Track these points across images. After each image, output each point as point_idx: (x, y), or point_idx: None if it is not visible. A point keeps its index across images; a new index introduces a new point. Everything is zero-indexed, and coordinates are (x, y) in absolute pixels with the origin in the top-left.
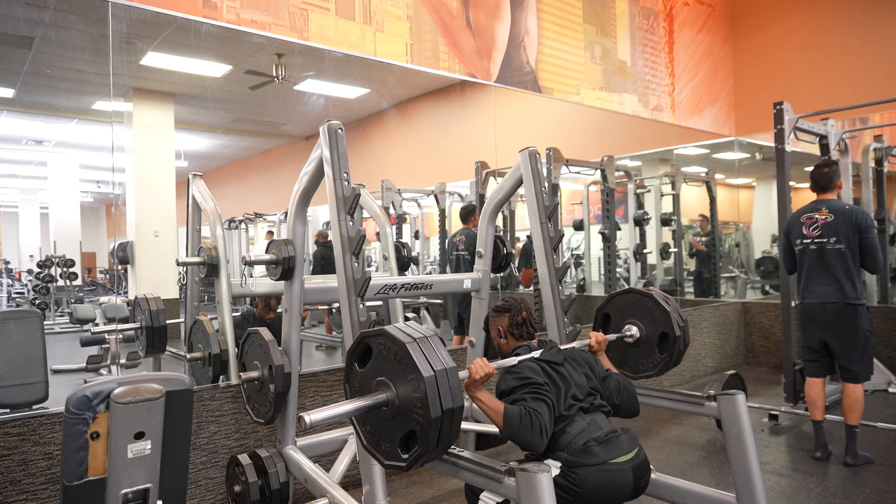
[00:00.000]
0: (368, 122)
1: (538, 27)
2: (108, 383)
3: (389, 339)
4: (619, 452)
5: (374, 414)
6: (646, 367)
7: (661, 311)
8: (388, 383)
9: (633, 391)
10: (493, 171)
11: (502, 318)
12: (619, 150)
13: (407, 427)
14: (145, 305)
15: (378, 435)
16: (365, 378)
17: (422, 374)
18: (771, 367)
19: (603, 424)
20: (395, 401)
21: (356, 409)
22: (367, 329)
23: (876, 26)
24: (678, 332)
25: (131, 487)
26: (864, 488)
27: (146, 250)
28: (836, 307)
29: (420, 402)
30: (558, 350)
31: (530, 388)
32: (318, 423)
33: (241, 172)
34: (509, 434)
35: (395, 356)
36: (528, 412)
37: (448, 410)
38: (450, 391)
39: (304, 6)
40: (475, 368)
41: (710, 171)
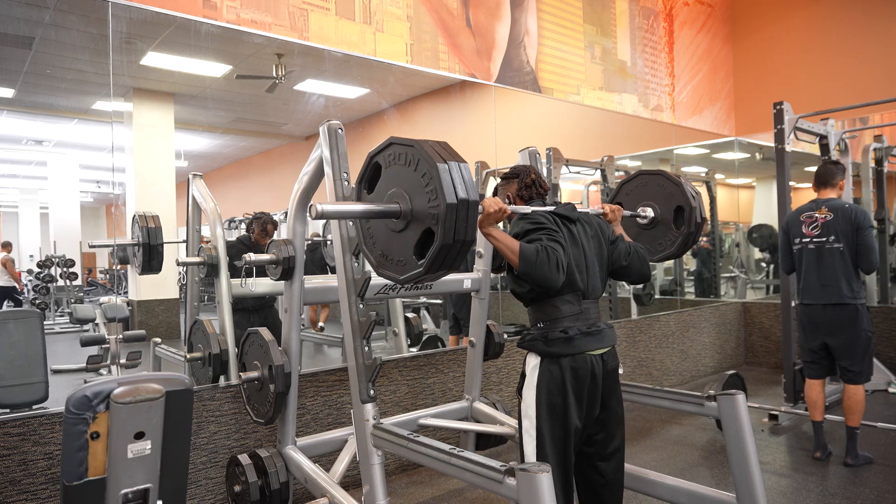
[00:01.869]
0: (368, 122)
1: (538, 27)
2: (108, 383)
3: (400, 144)
4: (599, 345)
5: (385, 233)
6: (664, 245)
7: (673, 184)
8: (400, 193)
9: (645, 256)
10: (493, 171)
11: (511, 184)
12: (619, 150)
13: (421, 228)
14: (143, 222)
15: (389, 253)
16: (374, 200)
17: (435, 164)
18: (771, 367)
19: (592, 315)
20: (409, 207)
21: (367, 210)
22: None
23: (876, 26)
24: (693, 202)
25: (131, 487)
26: (864, 488)
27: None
28: (835, 308)
29: (434, 193)
30: (573, 207)
31: (545, 231)
32: (328, 213)
33: (241, 172)
34: (525, 269)
35: (405, 160)
36: (544, 248)
37: (463, 200)
38: (463, 182)
39: (304, 6)
40: (489, 203)
41: (710, 171)
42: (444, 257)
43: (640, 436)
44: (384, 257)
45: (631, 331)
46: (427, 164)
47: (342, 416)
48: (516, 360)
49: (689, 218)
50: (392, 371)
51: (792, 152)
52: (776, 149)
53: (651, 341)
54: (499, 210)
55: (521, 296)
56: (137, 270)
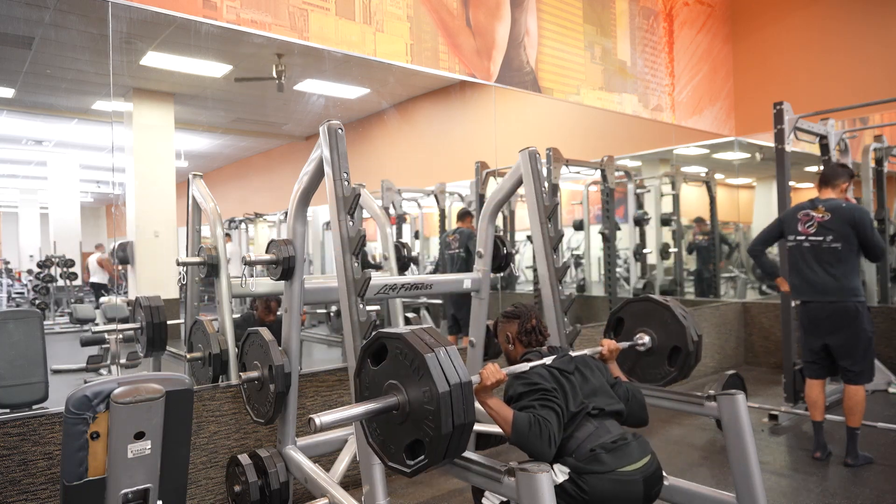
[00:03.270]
0: (368, 122)
1: (538, 27)
2: (108, 383)
3: (407, 346)
4: (628, 460)
5: (384, 416)
6: (653, 377)
7: (677, 324)
8: (401, 388)
9: (643, 400)
10: (493, 171)
11: (511, 324)
12: (619, 150)
13: (415, 435)
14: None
15: (384, 435)
16: (377, 377)
17: (437, 389)
18: (771, 367)
19: (613, 429)
20: (406, 407)
21: (367, 412)
22: (383, 330)
23: (876, 26)
24: (691, 347)
25: (131, 487)
26: (864, 488)
27: (146, 250)
28: (835, 306)
29: (432, 415)
30: (570, 358)
31: (539, 394)
32: (328, 425)
33: (241, 172)
34: (517, 442)
35: (410, 363)
36: (536, 420)
37: (459, 426)
38: (463, 406)
39: (304, 6)
40: (486, 374)
41: (710, 171)
42: (447, 446)
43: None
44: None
45: None
46: (429, 384)
47: None
48: None
49: (684, 362)
50: None
51: (792, 152)
52: (776, 149)
53: None
54: (496, 381)
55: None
56: (142, 353)
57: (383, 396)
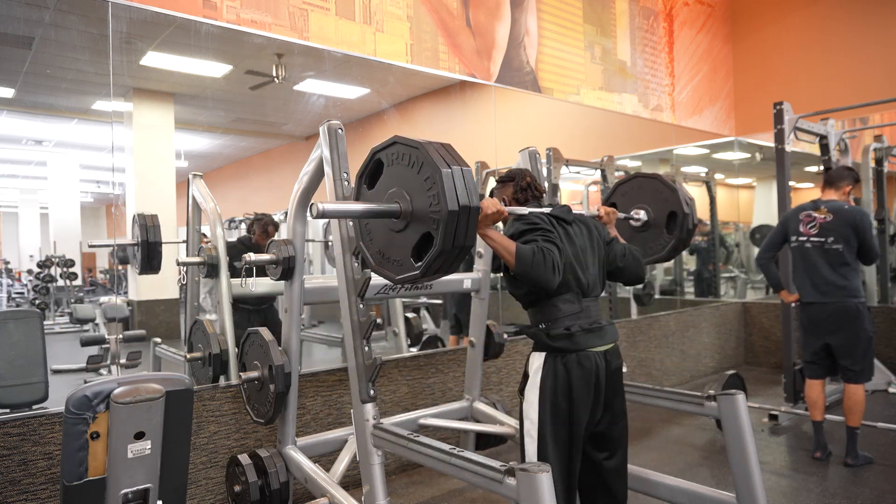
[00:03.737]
0: (368, 122)
1: (538, 27)
2: (108, 383)
3: (403, 144)
4: (599, 342)
5: (384, 231)
6: (655, 248)
7: (669, 189)
8: (401, 193)
9: (640, 258)
10: (493, 171)
11: (506, 187)
12: (619, 150)
13: (420, 231)
14: (142, 221)
15: (387, 252)
16: (374, 198)
17: (438, 169)
18: (771, 367)
19: (593, 313)
20: (409, 208)
21: (367, 210)
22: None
23: (876, 26)
24: (686, 209)
25: (131, 487)
26: (864, 488)
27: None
28: (836, 306)
29: (436, 198)
30: (569, 209)
31: (541, 231)
32: (329, 212)
33: (241, 172)
34: (521, 270)
35: (409, 160)
36: (540, 249)
37: (465, 206)
38: (465, 189)
39: (304, 6)
40: (486, 204)
41: (710, 171)
42: (443, 262)
43: (641, 436)
44: (381, 256)
45: (631, 331)
46: (431, 167)
47: (342, 416)
48: (516, 360)
49: (682, 224)
50: (392, 371)
51: (792, 152)
52: (776, 149)
53: (651, 341)
54: (496, 212)
55: (520, 297)
56: (137, 270)
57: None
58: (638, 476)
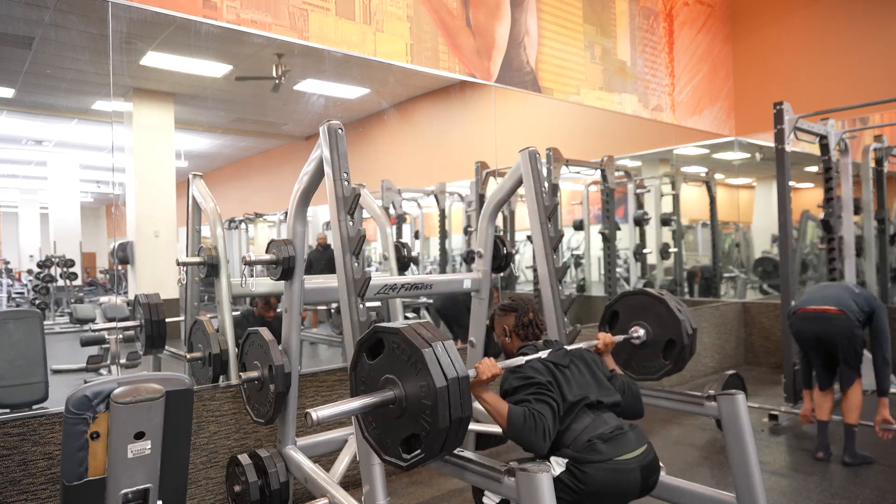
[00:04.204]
0: (368, 122)
1: (538, 27)
2: (108, 383)
3: (404, 341)
4: (625, 449)
5: (380, 411)
6: (648, 370)
7: (672, 317)
8: (397, 382)
9: (638, 392)
10: (493, 171)
11: (508, 317)
12: (619, 150)
13: (412, 429)
14: (145, 301)
15: (381, 429)
16: (373, 372)
17: (434, 384)
18: (771, 367)
19: (610, 421)
20: (403, 401)
21: (363, 406)
22: (380, 325)
23: (876, 26)
24: (686, 340)
25: (131, 487)
26: (864, 488)
27: (146, 250)
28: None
29: (429, 409)
30: (565, 352)
31: (534, 388)
32: (325, 419)
33: (241, 172)
34: (512, 435)
35: (408, 358)
36: (531, 414)
37: (456, 420)
38: (460, 400)
39: (304, 6)
40: (482, 369)
41: (710, 171)
42: (444, 440)
43: None
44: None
45: None
46: (426, 379)
47: None
48: None
49: (679, 355)
50: None
51: (792, 152)
52: (776, 149)
53: None
54: (492, 376)
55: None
56: (141, 350)
57: (380, 391)
58: None
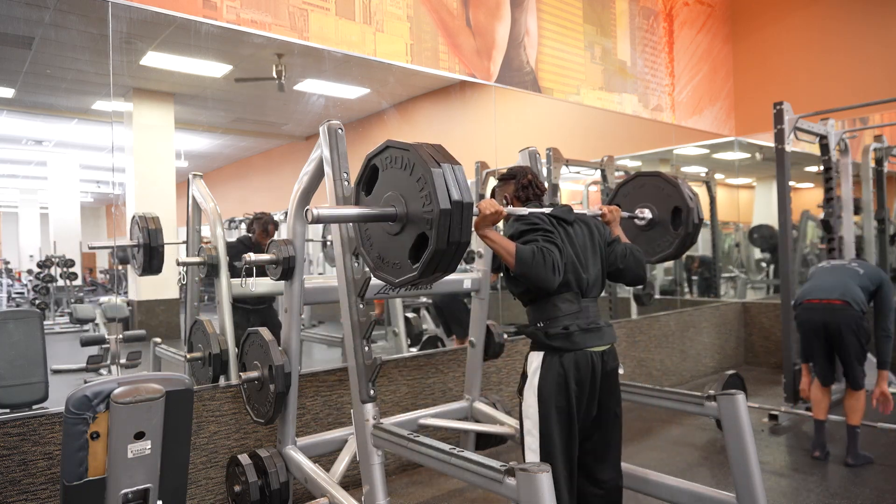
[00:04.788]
0: (368, 122)
1: (538, 27)
2: (108, 383)
3: (396, 148)
4: (596, 342)
5: (381, 236)
6: (662, 245)
7: (671, 185)
8: (397, 196)
9: (641, 258)
10: (493, 171)
11: (508, 185)
12: (619, 150)
13: (416, 232)
14: (143, 223)
15: (385, 256)
16: (372, 203)
17: (429, 168)
18: (771, 367)
19: (591, 313)
20: (404, 211)
21: (363, 214)
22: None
23: (876, 26)
24: (690, 203)
25: (131, 487)
26: (864, 488)
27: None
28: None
29: (428, 198)
30: (570, 209)
31: (541, 232)
32: (324, 217)
33: (241, 172)
34: (521, 270)
35: (402, 163)
36: (540, 250)
37: (457, 202)
38: (457, 185)
39: (304, 6)
40: (485, 205)
41: (710, 171)
42: (439, 261)
43: (640, 436)
44: (381, 259)
45: (631, 331)
46: (422, 168)
47: (342, 416)
48: (516, 360)
49: (687, 219)
50: (392, 371)
51: (792, 152)
52: (776, 149)
53: (651, 341)
54: (495, 212)
55: (519, 295)
56: (138, 272)
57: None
58: (638, 476)
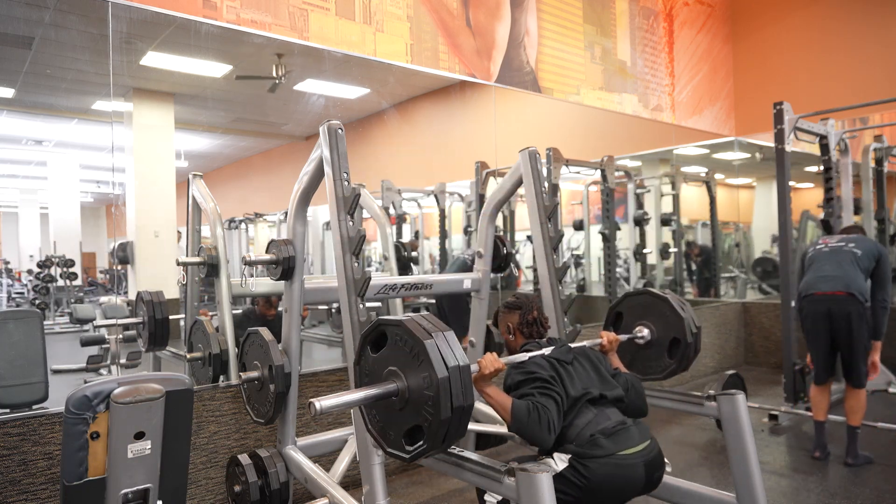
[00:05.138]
0: (368, 122)
1: (538, 27)
2: (108, 383)
3: (406, 333)
4: (628, 444)
5: (383, 403)
6: (653, 369)
7: (676, 316)
8: (400, 374)
9: (642, 390)
10: (493, 171)
11: (513, 314)
12: (619, 150)
13: (414, 421)
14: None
15: (383, 422)
16: (376, 364)
17: (436, 374)
18: (771, 367)
19: (613, 416)
20: (406, 393)
21: (366, 397)
22: (383, 318)
23: (876, 26)
24: (690, 339)
25: (131, 487)
26: (864, 488)
27: (146, 250)
28: (843, 299)
29: (431, 400)
30: (568, 348)
31: (538, 383)
32: (328, 410)
33: (241, 172)
34: (517, 429)
35: (410, 349)
36: (535, 407)
37: (458, 409)
38: (461, 390)
39: (304, 6)
40: (485, 363)
41: (710, 171)
42: (446, 432)
43: None
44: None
45: None
46: (428, 370)
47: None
48: None
49: (683, 353)
50: None
51: (792, 152)
52: (776, 149)
53: None
54: (495, 370)
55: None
56: (143, 347)
57: (383, 383)
58: None
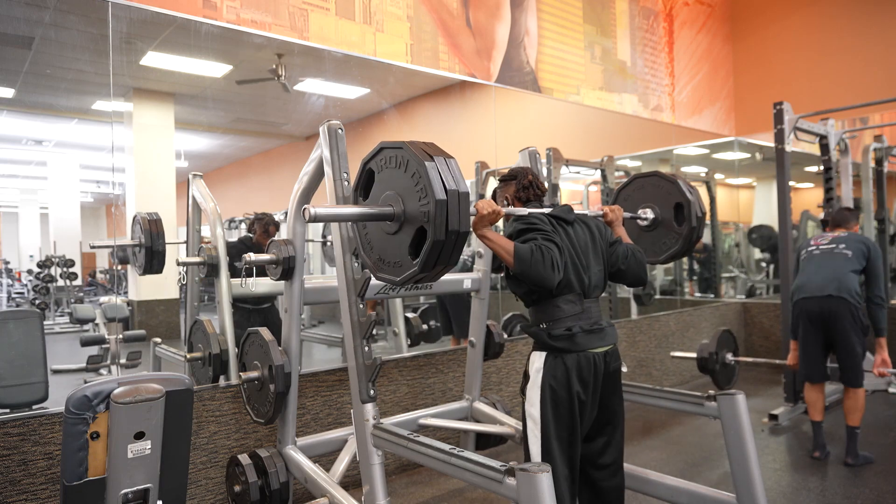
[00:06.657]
0: (368, 122)
1: (538, 27)
2: (108, 383)
3: (390, 148)
4: (600, 343)
5: (380, 236)
6: (668, 244)
7: (670, 182)
8: (394, 196)
9: (643, 260)
10: (493, 171)
11: (508, 186)
12: (619, 150)
13: (414, 227)
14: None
15: (385, 256)
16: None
17: (422, 162)
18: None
19: (594, 314)
20: (401, 209)
21: (361, 214)
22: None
23: (876, 26)
24: (691, 196)
25: (131, 487)
26: (864, 488)
27: None
28: (832, 300)
29: (424, 191)
30: (570, 209)
31: (539, 231)
32: (321, 216)
33: (241, 172)
34: (520, 269)
35: (396, 163)
36: (538, 247)
37: (453, 191)
38: (451, 176)
39: (304, 6)
40: (482, 205)
41: (710, 171)
42: (440, 253)
43: (640, 436)
44: (381, 261)
45: (631, 331)
46: (415, 163)
47: (342, 416)
48: (516, 361)
49: (689, 214)
50: (392, 371)
51: (792, 152)
52: (776, 149)
53: (651, 341)
54: (492, 212)
55: (521, 296)
56: (139, 271)
57: (379, 205)
58: (638, 476)
